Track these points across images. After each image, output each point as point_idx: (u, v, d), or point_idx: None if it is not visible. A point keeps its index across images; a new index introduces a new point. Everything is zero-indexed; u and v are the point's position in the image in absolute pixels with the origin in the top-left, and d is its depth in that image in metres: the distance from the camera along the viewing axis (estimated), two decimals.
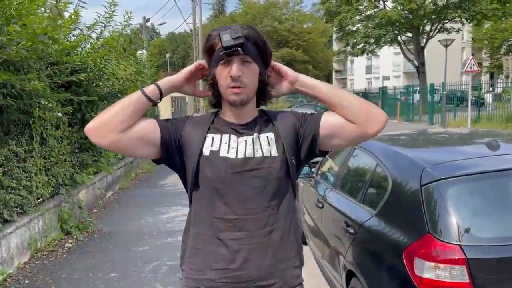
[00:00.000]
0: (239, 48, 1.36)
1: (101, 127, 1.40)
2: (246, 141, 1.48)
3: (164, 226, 5.73)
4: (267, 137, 1.49)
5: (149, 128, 1.46)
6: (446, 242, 2.07)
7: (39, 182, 4.77)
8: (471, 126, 15.89)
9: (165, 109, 20.94)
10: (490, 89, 19.66)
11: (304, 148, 1.51)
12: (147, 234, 5.40)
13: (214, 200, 1.47)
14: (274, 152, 1.48)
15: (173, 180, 8.15)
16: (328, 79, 59.03)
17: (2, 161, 4.06)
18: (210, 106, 1.59)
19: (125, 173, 8.84)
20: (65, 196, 5.44)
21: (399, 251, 2.23)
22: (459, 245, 2.03)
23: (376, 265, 2.52)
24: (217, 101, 1.54)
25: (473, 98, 17.23)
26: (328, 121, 1.49)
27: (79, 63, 5.52)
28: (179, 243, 5.20)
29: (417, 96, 24.16)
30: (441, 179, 2.26)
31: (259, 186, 1.45)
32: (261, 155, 1.46)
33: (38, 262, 4.50)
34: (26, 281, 4.01)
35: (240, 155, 1.46)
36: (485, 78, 35.58)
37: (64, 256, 4.69)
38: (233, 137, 1.49)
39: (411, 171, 2.50)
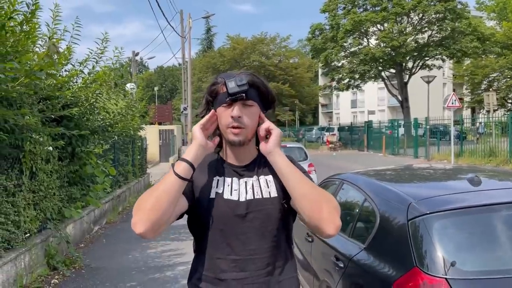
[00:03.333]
0: (243, 94, 1.45)
1: (153, 226, 1.37)
2: (246, 182, 1.56)
3: (152, 261, 5.68)
4: (266, 179, 1.57)
5: (182, 203, 1.48)
6: (433, 275, 2.13)
7: (27, 217, 4.73)
8: (455, 159, 16.20)
9: (153, 141, 20.92)
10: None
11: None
12: (134, 269, 5.34)
13: (217, 241, 1.53)
14: (274, 193, 1.55)
15: None
16: (315, 113, 59.88)
17: None
18: None
19: (113, 207, 8.76)
20: (52, 231, 5.39)
21: (388, 284, 2.28)
22: (446, 278, 2.10)
23: None
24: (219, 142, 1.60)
25: (456, 132, 17.66)
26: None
27: (71, 98, 5.59)
28: (168, 279, 5.10)
29: (401, 130, 24.68)
30: (427, 213, 2.35)
31: (259, 228, 1.52)
32: (260, 197, 1.53)
33: None
34: None
35: (242, 197, 1.53)
36: (466, 113, 36.53)
37: None
38: (235, 179, 1.56)
39: (397, 206, 2.58)
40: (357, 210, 3.07)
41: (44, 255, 5.14)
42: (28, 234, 4.81)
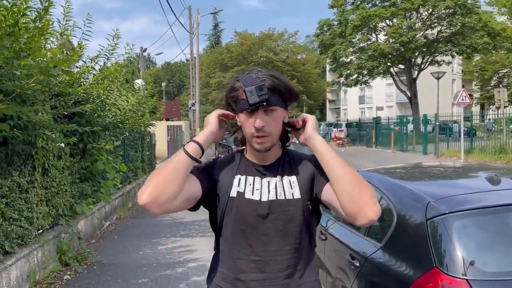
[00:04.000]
0: (264, 103, 1.41)
1: (157, 199, 1.38)
2: (269, 182, 1.53)
3: (163, 257, 5.69)
4: (289, 180, 1.53)
5: (193, 187, 1.48)
6: (453, 276, 2.10)
7: (40, 213, 4.75)
8: (464, 156, 16.05)
9: (161, 137, 20.96)
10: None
11: (316, 198, 1.54)
12: (146, 265, 5.35)
13: (238, 241, 1.51)
14: (297, 195, 1.51)
15: None
16: (322, 109, 59.67)
17: (5, 193, 4.06)
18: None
19: (123, 203, 8.80)
20: (64, 227, 5.41)
21: (406, 285, 2.26)
22: (466, 279, 2.07)
23: None
24: (244, 140, 1.58)
25: (465, 129, 17.50)
26: (329, 192, 1.45)
27: (83, 95, 5.60)
28: (179, 275, 5.11)
29: (410, 126, 24.49)
30: (446, 213, 2.32)
31: (282, 229, 1.49)
32: (283, 198, 1.50)
33: None
34: None
35: (264, 197, 1.50)
36: (476, 109, 36.18)
37: None
38: (257, 178, 1.53)
39: (415, 205, 2.55)
40: None
41: (56, 251, 5.17)
42: (41, 230, 4.83)
